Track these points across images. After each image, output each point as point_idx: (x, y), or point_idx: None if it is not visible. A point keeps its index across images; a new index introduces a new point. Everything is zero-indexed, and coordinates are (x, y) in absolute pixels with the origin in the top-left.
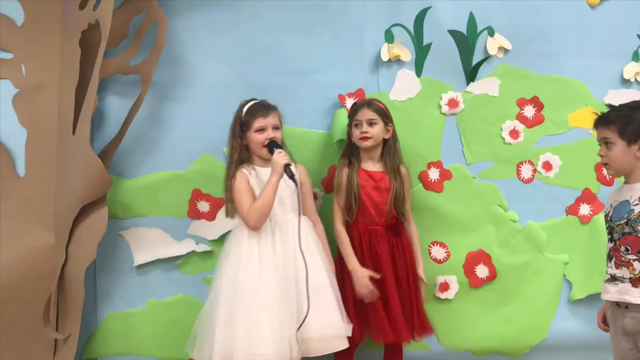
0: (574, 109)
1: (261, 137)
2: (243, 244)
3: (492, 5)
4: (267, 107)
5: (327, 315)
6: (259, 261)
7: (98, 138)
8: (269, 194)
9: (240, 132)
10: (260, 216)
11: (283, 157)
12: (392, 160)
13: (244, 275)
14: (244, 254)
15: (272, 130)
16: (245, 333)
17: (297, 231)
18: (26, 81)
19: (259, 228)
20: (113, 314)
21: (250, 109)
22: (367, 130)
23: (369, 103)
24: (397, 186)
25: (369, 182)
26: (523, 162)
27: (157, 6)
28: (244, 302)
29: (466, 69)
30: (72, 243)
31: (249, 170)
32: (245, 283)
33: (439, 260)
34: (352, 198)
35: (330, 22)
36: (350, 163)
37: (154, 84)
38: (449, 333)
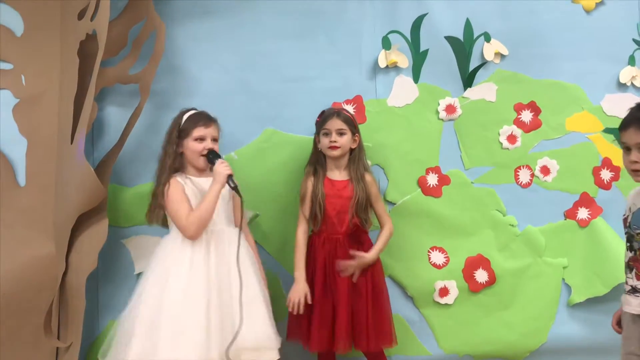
0: (571, 113)
1: (199, 146)
2: (174, 252)
3: (488, 11)
4: (208, 118)
5: (260, 327)
6: (189, 270)
7: (98, 147)
8: (210, 202)
9: (177, 139)
10: (200, 225)
11: (226, 167)
12: (357, 168)
13: (172, 283)
14: (174, 262)
15: (210, 141)
16: (168, 341)
17: (237, 242)
18: (26, 91)
19: (197, 237)
20: (115, 322)
21: (191, 117)
22: (336, 139)
23: (337, 112)
24: (360, 193)
25: (332, 190)
26: (521, 167)
27: (156, 15)
28: (169, 310)
29: (463, 75)
30: (73, 252)
31: (183, 179)
32: (173, 292)
33: (438, 266)
34: (316, 207)
35: (328, 29)
36: (315, 172)
37: (153, 93)
38: (449, 338)
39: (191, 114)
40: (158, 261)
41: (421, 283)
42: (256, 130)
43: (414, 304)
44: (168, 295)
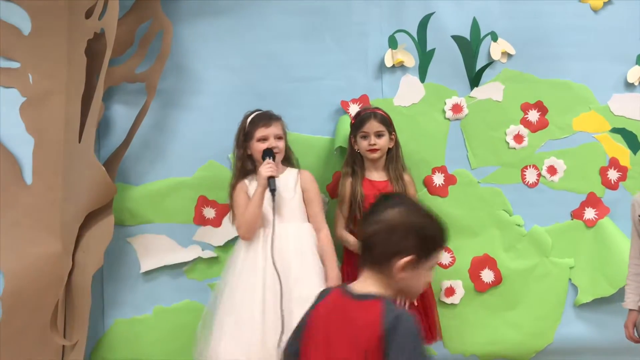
0: (578, 113)
1: (263, 146)
2: (241, 252)
3: (495, 11)
4: (269, 117)
5: None
6: (250, 269)
7: (104, 146)
8: (252, 205)
9: (244, 142)
10: (247, 227)
11: (268, 169)
12: (395, 168)
13: (236, 283)
14: (240, 262)
15: (274, 140)
16: (229, 339)
17: (271, 243)
18: (33, 90)
19: (248, 238)
20: (120, 320)
21: (253, 119)
22: (376, 142)
23: (374, 114)
24: (400, 192)
25: (372, 191)
26: (527, 167)
27: (163, 14)
28: (231, 309)
29: (470, 74)
30: (79, 250)
31: (250, 181)
32: (235, 290)
33: (444, 265)
34: (356, 209)
35: (334, 29)
36: (353, 172)
37: (160, 92)
38: (454, 338)
39: (253, 116)
40: (231, 262)
41: None
42: None
43: None
44: (233, 296)
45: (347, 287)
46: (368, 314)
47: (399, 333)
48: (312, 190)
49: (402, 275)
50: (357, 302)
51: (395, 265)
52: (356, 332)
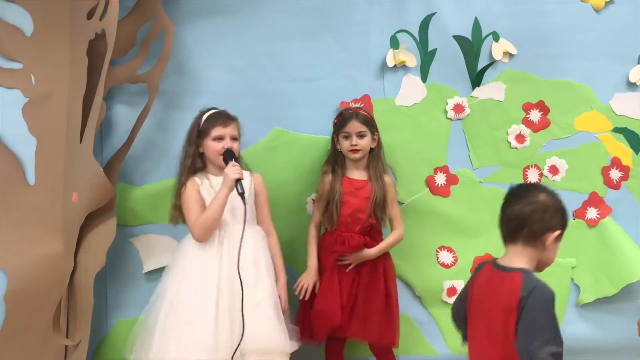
0: (579, 112)
1: (218, 146)
2: (190, 252)
3: (497, 10)
4: (227, 117)
5: (265, 330)
6: (202, 270)
7: (106, 146)
8: (216, 207)
9: (197, 139)
10: (206, 229)
11: (235, 171)
12: (376, 168)
13: (185, 284)
14: (189, 262)
15: (230, 140)
16: (177, 340)
17: (239, 246)
18: (35, 91)
19: (203, 240)
20: (123, 321)
21: (210, 117)
22: (357, 142)
23: (356, 114)
24: (378, 192)
25: (349, 188)
26: (529, 167)
27: (164, 15)
28: (180, 311)
29: (471, 74)
30: (82, 251)
31: (201, 179)
32: (185, 291)
33: (446, 265)
34: (333, 207)
35: (335, 28)
36: (334, 170)
37: (161, 92)
38: (457, 338)
39: (210, 113)
40: (176, 261)
41: (429, 283)
42: (263, 130)
43: (422, 304)
44: (180, 296)
45: (496, 262)
46: (511, 283)
47: (532, 299)
48: (264, 193)
49: (551, 248)
50: (503, 273)
51: (547, 238)
52: (501, 298)
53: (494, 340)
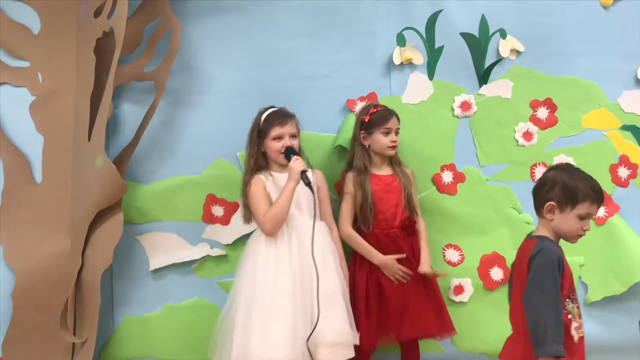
0: (587, 110)
1: (278, 145)
2: (261, 249)
3: (504, 7)
4: (285, 115)
5: (338, 323)
6: (275, 266)
7: (113, 144)
8: (285, 200)
9: (258, 139)
10: (276, 222)
11: (300, 164)
12: (399, 161)
13: (261, 279)
14: (261, 258)
15: (289, 139)
16: (260, 337)
17: (312, 237)
18: (43, 89)
19: (274, 234)
20: (130, 318)
21: (268, 117)
22: (396, 139)
23: (393, 111)
24: (407, 184)
25: (380, 185)
26: (537, 164)
27: (171, 13)
28: (260, 306)
29: (479, 72)
30: (88, 248)
31: (265, 176)
32: (262, 287)
33: (453, 263)
34: (367, 207)
35: (342, 26)
36: (364, 170)
37: (168, 90)
38: (463, 336)
39: (268, 113)
40: (248, 259)
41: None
42: None
43: None
44: (258, 293)
45: (530, 232)
46: (529, 248)
47: (536, 260)
48: (324, 189)
49: (550, 217)
50: (529, 241)
51: (545, 210)
52: (523, 261)
53: (517, 297)
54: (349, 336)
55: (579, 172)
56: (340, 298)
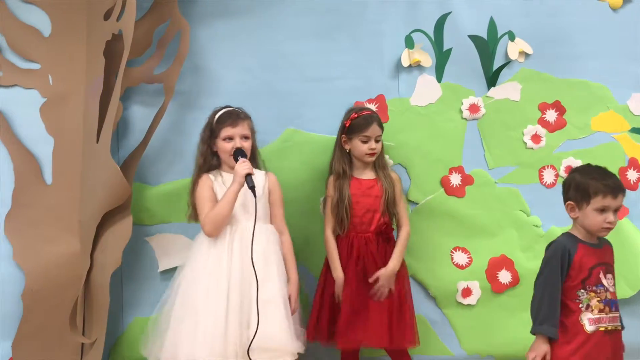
0: (596, 112)
1: (228, 146)
2: (202, 249)
3: (512, 10)
4: (237, 116)
5: (273, 329)
6: (213, 267)
7: (123, 146)
8: (226, 202)
9: (209, 139)
10: (216, 224)
11: (245, 167)
12: (383, 166)
13: (197, 280)
14: (200, 259)
15: (239, 140)
16: (189, 336)
17: (251, 242)
18: (53, 91)
19: (214, 235)
20: (139, 319)
21: (220, 117)
22: (375, 146)
23: (375, 117)
24: (389, 190)
25: (360, 189)
26: (545, 167)
27: (180, 15)
28: (192, 305)
29: (487, 74)
30: (98, 250)
31: (215, 176)
32: (196, 287)
33: (461, 266)
34: (343, 210)
35: (350, 28)
36: (343, 173)
37: (177, 93)
38: (471, 338)
39: (220, 114)
40: (189, 258)
41: (444, 283)
42: (277, 130)
43: (437, 304)
44: (192, 292)
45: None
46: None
47: (546, 252)
48: (277, 192)
49: (574, 216)
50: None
51: (567, 209)
52: None
53: None
54: (286, 344)
55: (593, 169)
56: (279, 303)
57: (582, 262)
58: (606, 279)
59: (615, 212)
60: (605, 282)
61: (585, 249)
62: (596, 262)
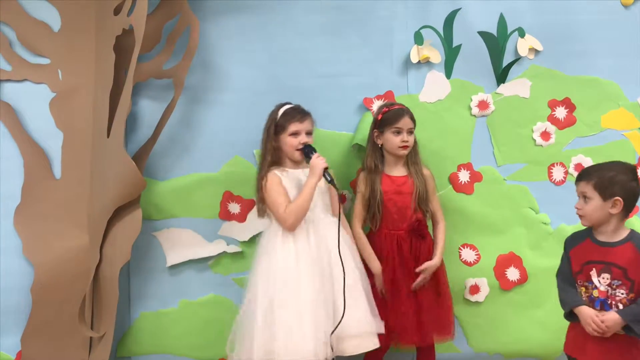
0: (606, 110)
1: (295, 141)
2: (278, 244)
3: (522, 6)
4: (303, 112)
5: (360, 313)
6: (296, 260)
7: (132, 141)
8: (307, 195)
9: (274, 134)
10: (298, 217)
11: (322, 161)
12: (415, 163)
13: (281, 274)
14: (279, 253)
15: (305, 136)
16: (284, 333)
17: (337, 232)
18: (62, 85)
19: (295, 228)
20: (146, 314)
21: (286, 112)
22: (408, 138)
23: (406, 110)
24: (420, 187)
25: (392, 187)
26: (554, 164)
27: (190, 11)
28: (282, 301)
29: (496, 71)
30: (107, 244)
31: (280, 172)
32: (283, 282)
33: (469, 263)
34: (375, 206)
35: (359, 24)
36: (375, 169)
37: (186, 88)
38: (479, 336)
39: (286, 108)
40: (264, 255)
41: (452, 280)
42: None
43: None
44: (280, 288)
45: None
46: None
47: None
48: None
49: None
50: None
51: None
52: None
53: None
54: (373, 325)
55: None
56: (361, 289)
57: (576, 257)
58: (599, 277)
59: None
60: (596, 280)
61: (587, 245)
62: (592, 259)
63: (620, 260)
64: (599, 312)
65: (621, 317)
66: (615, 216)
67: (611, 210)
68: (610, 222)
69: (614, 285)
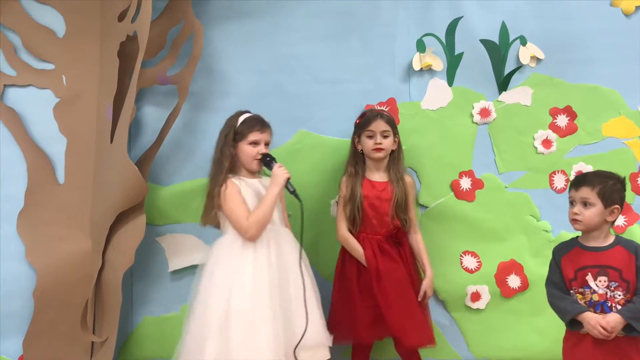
0: (607, 118)
1: (254, 151)
2: (234, 253)
3: (524, 14)
4: (264, 123)
5: (315, 325)
6: (254, 270)
7: (136, 146)
8: (269, 206)
9: (233, 141)
10: (261, 226)
11: (285, 171)
12: (397, 169)
13: (239, 284)
14: (236, 263)
15: (263, 146)
16: (240, 343)
17: (300, 243)
18: (66, 91)
19: (257, 238)
20: (148, 319)
21: (247, 120)
22: (381, 142)
23: (381, 114)
24: (399, 193)
25: (372, 191)
26: (556, 172)
27: (194, 17)
28: (238, 311)
29: (498, 78)
30: (110, 249)
31: (238, 180)
32: (240, 291)
33: (470, 270)
34: (355, 209)
35: (361, 31)
36: (355, 173)
37: (190, 93)
38: (480, 343)
39: (247, 117)
40: (219, 263)
41: (453, 287)
42: (289, 132)
43: (445, 308)
44: (237, 296)
45: None
46: None
47: None
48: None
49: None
50: None
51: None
52: None
53: None
54: (325, 337)
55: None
56: (314, 301)
57: (569, 264)
58: (596, 281)
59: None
60: (593, 284)
61: (577, 252)
62: (585, 264)
63: (615, 262)
64: (602, 315)
65: (622, 316)
66: (609, 222)
67: (609, 217)
68: (602, 228)
69: (612, 287)
